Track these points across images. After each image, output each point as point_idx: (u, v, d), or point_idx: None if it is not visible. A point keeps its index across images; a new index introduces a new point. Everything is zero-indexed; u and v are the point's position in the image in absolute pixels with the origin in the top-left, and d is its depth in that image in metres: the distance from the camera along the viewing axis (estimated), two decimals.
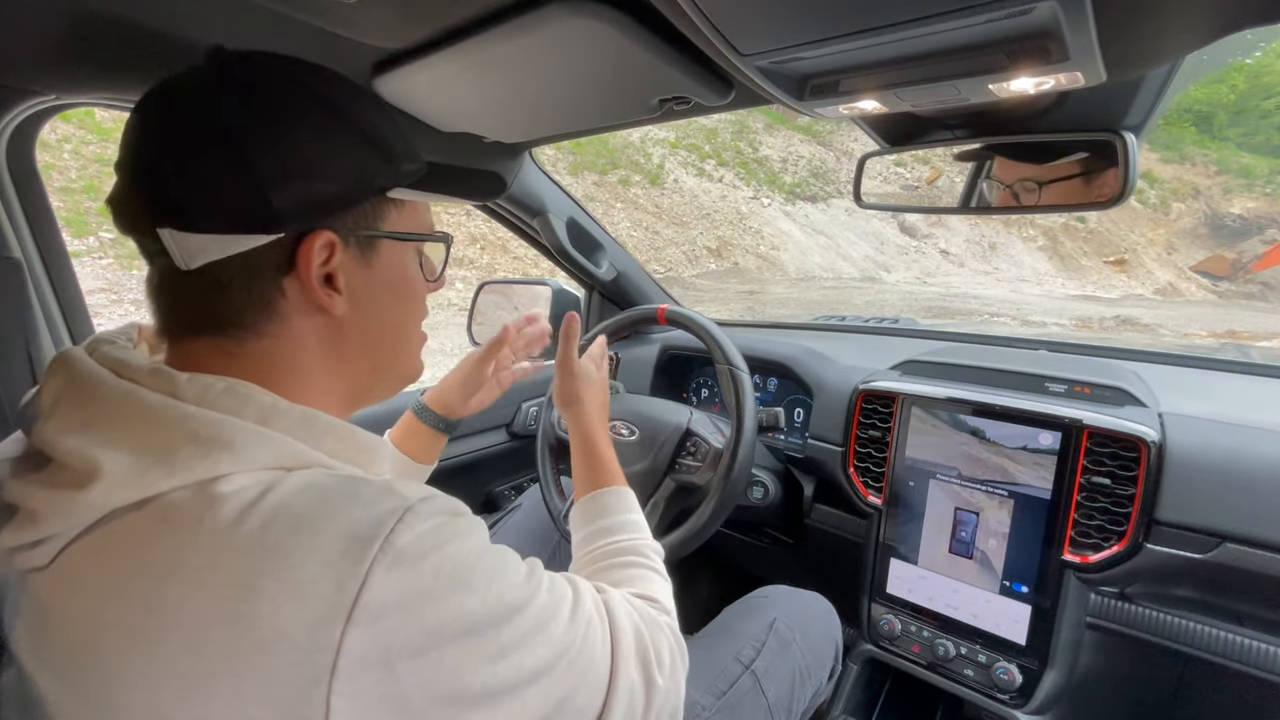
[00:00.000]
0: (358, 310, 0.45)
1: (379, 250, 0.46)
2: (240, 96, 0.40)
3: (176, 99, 0.41)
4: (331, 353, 0.45)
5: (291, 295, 0.42)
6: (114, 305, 4.85)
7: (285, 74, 0.42)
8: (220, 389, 0.38)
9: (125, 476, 0.34)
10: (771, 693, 0.82)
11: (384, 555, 0.33)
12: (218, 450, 0.36)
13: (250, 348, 0.42)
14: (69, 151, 6.18)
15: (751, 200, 12.27)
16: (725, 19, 0.56)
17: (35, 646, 0.37)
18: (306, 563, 0.32)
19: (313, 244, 0.41)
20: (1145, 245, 15.83)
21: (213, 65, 0.41)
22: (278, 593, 0.31)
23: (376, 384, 0.51)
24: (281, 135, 0.40)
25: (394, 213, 0.47)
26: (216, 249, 0.39)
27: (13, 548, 0.36)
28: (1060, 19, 0.50)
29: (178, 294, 0.42)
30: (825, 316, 1.79)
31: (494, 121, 1.00)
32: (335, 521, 0.34)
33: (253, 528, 0.33)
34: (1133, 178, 0.78)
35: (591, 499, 0.68)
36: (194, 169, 0.39)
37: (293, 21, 0.66)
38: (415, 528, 0.35)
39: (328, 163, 0.41)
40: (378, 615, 0.32)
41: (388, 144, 0.45)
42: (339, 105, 0.43)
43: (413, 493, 0.37)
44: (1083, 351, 1.25)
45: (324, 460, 0.40)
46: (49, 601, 0.36)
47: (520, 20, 0.64)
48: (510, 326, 0.84)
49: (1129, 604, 0.91)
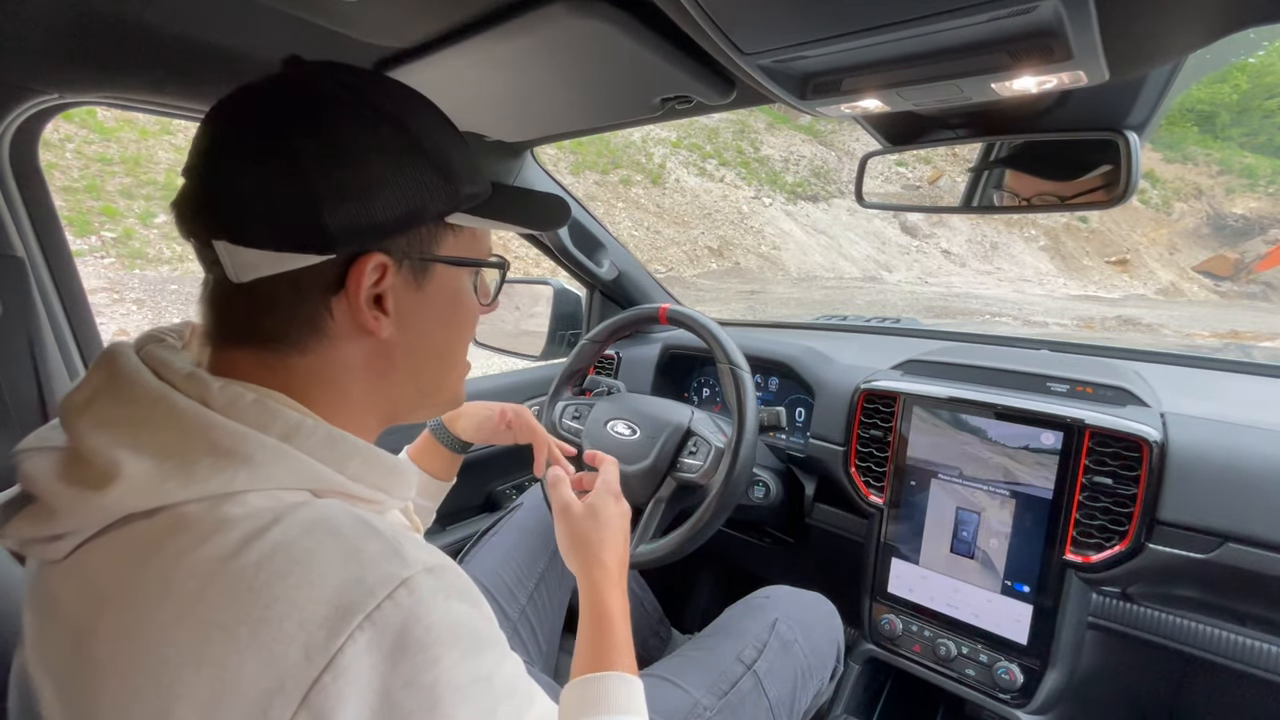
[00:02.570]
0: (405, 333, 0.44)
1: (432, 274, 0.44)
2: (306, 111, 0.39)
3: (244, 109, 0.40)
4: (375, 374, 0.44)
5: (339, 315, 0.41)
6: (116, 304, 4.86)
7: (354, 88, 0.41)
8: (249, 400, 0.38)
9: (143, 482, 0.34)
10: (773, 693, 0.82)
11: (361, 632, 0.31)
12: (235, 464, 0.35)
13: (293, 363, 0.41)
14: (71, 150, 6.20)
15: (753, 200, 12.27)
16: (727, 18, 0.56)
17: (37, 639, 0.37)
18: (285, 619, 0.31)
19: (364, 266, 0.40)
20: (1147, 245, 15.81)
21: (285, 76, 0.41)
22: (249, 645, 0.30)
23: (420, 407, 0.49)
24: (343, 154, 0.39)
25: (451, 236, 0.45)
26: (267, 265, 0.38)
27: (30, 539, 0.36)
28: (1063, 18, 0.49)
29: (227, 306, 0.41)
30: (827, 316, 1.79)
31: (496, 120, 1.00)
32: (328, 577, 0.32)
33: (248, 563, 0.32)
34: (1135, 177, 0.78)
35: (591, 682, 0.56)
36: (252, 183, 0.38)
37: (295, 20, 0.66)
38: (407, 608, 0.32)
39: (387, 185, 0.40)
40: (333, 708, 0.30)
41: (450, 165, 0.43)
42: (405, 123, 0.42)
43: (418, 559, 0.35)
44: (1085, 351, 1.25)
45: (345, 485, 0.39)
46: (57, 597, 0.36)
47: (522, 19, 0.64)
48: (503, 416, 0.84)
49: (1131, 604, 0.91)
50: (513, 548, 1.03)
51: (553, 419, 1.15)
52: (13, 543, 0.37)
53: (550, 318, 1.46)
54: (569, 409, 1.15)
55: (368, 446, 0.42)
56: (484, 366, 3.95)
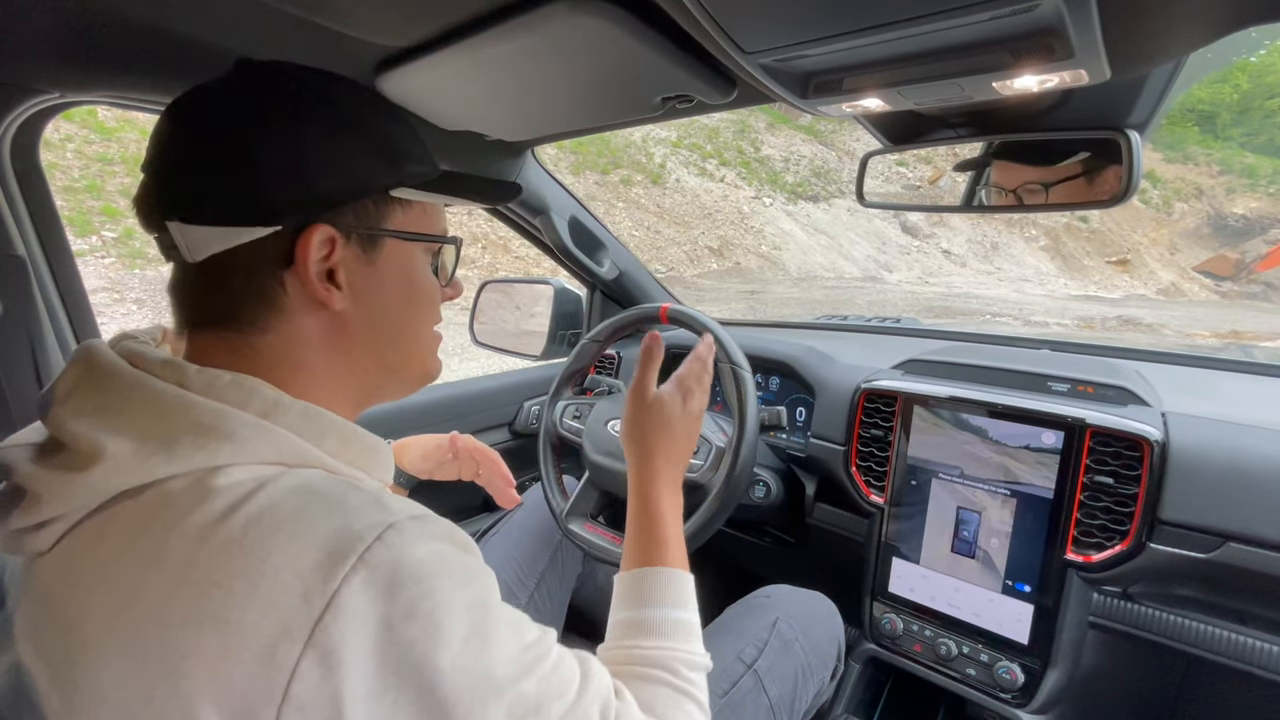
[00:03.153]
0: (361, 306, 0.45)
1: (382, 248, 0.46)
2: (250, 98, 0.42)
3: (194, 102, 0.42)
4: (336, 349, 0.45)
5: (292, 290, 0.43)
6: (116, 304, 4.87)
7: (296, 78, 0.43)
8: (226, 381, 0.39)
9: (126, 461, 0.35)
10: (774, 692, 0.82)
11: (355, 574, 0.32)
12: (217, 440, 0.36)
13: (255, 342, 0.43)
14: (71, 150, 6.20)
15: (753, 200, 12.27)
16: (729, 17, 0.56)
17: (31, 633, 0.37)
18: (281, 570, 0.32)
19: (311, 237, 0.41)
20: (1148, 245, 15.81)
21: (233, 72, 0.43)
22: (247, 597, 0.31)
23: (389, 382, 0.50)
24: (284, 133, 0.41)
25: (400, 213, 0.47)
26: (218, 241, 0.40)
27: (18, 530, 0.36)
28: (1064, 16, 0.49)
29: (188, 289, 0.43)
30: (827, 316, 1.79)
31: (497, 120, 1.00)
32: (316, 529, 0.33)
33: (236, 526, 0.33)
34: (1136, 176, 0.78)
35: (638, 576, 0.57)
36: (200, 164, 0.41)
37: (296, 20, 0.66)
38: (398, 548, 0.34)
39: (328, 159, 0.42)
40: (339, 643, 0.31)
41: (393, 145, 0.45)
42: (344, 107, 0.44)
43: (402, 509, 0.36)
44: (1085, 351, 1.24)
45: (324, 460, 0.40)
46: (48, 587, 0.36)
47: (523, 18, 0.64)
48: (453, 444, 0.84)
49: (1132, 603, 0.91)
50: (513, 548, 1.03)
51: (553, 418, 1.15)
52: (0, 540, 0.38)
53: (551, 317, 1.46)
54: (570, 408, 1.15)
55: (345, 423, 0.43)
56: (485, 366, 3.95)
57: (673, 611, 0.55)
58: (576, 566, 1.08)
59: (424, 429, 0.86)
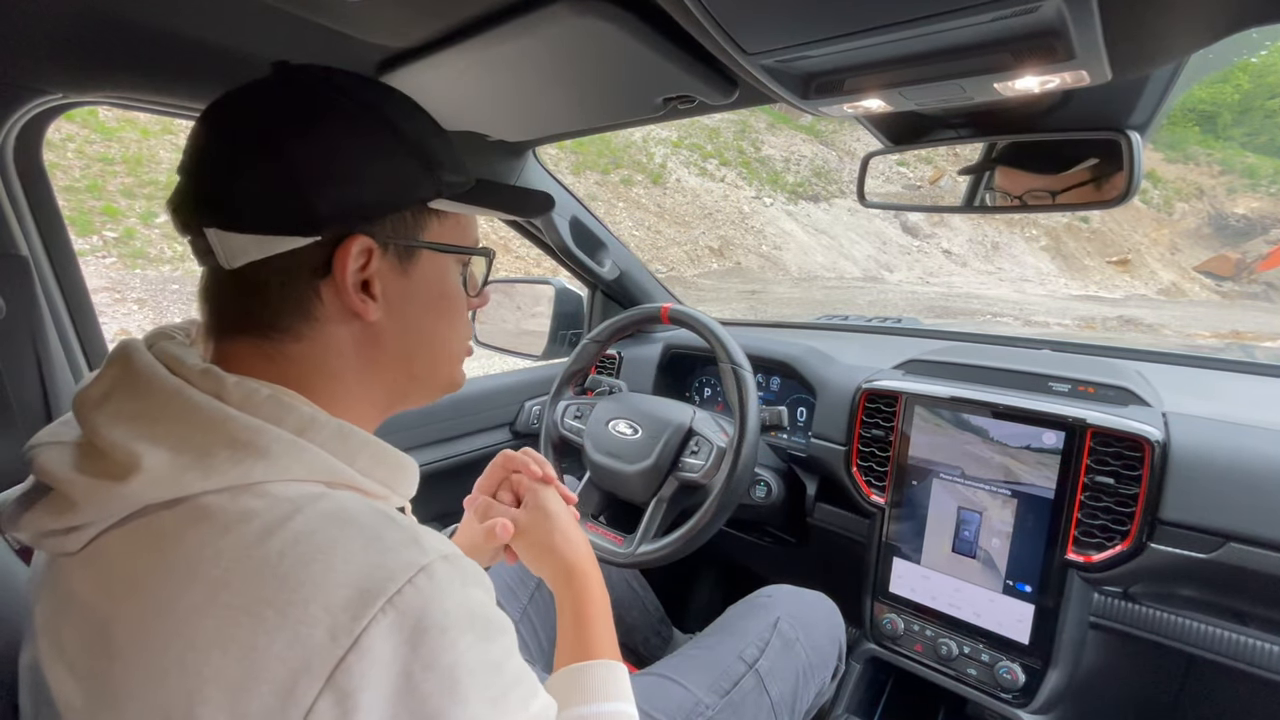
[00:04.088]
0: (394, 318, 0.45)
1: (418, 260, 0.46)
2: (291, 104, 0.42)
3: (233, 106, 0.42)
4: (367, 360, 0.45)
5: (327, 299, 0.42)
6: (117, 304, 4.87)
7: (336, 85, 0.43)
8: (264, 395, 0.39)
9: (163, 474, 0.35)
10: (775, 692, 0.83)
11: (384, 615, 0.32)
12: (253, 457, 0.36)
13: (288, 351, 0.42)
14: (73, 150, 6.20)
15: (754, 200, 12.26)
16: (731, 18, 0.56)
17: (53, 633, 0.37)
18: (311, 602, 0.32)
19: (349, 248, 0.41)
20: (1149, 245, 15.79)
21: (271, 77, 0.43)
22: (276, 626, 0.31)
23: (415, 391, 0.50)
24: (325, 141, 0.41)
25: (436, 224, 0.47)
26: (256, 249, 0.40)
27: (44, 531, 0.37)
28: (1066, 17, 0.50)
29: (222, 295, 0.43)
30: (828, 316, 1.79)
31: (498, 120, 1.00)
32: (351, 562, 0.33)
33: (271, 551, 0.33)
34: (1137, 177, 0.78)
35: (574, 672, 0.56)
36: (240, 170, 0.40)
37: (297, 20, 0.66)
38: (426, 594, 0.34)
39: (368, 170, 0.42)
40: (358, 687, 0.31)
41: (432, 156, 0.45)
42: (386, 116, 0.44)
43: (435, 548, 0.36)
44: (1086, 351, 1.25)
45: (355, 479, 0.40)
46: (74, 589, 0.36)
47: (525, 19, 0.64)
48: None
49: (1133, 603, 0.91)
50: None
51: (554, 418, 1.15)
52: (28, 535, 0.38)
53: (552, 317, 1.46)
54: (571, 408, 1.15)
55: (376, 441, 0.43)
56: (486, 366, 3.96)
57: (617, 704, 0.54)
58: None
59: (424, 429, 0.86)
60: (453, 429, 1.34)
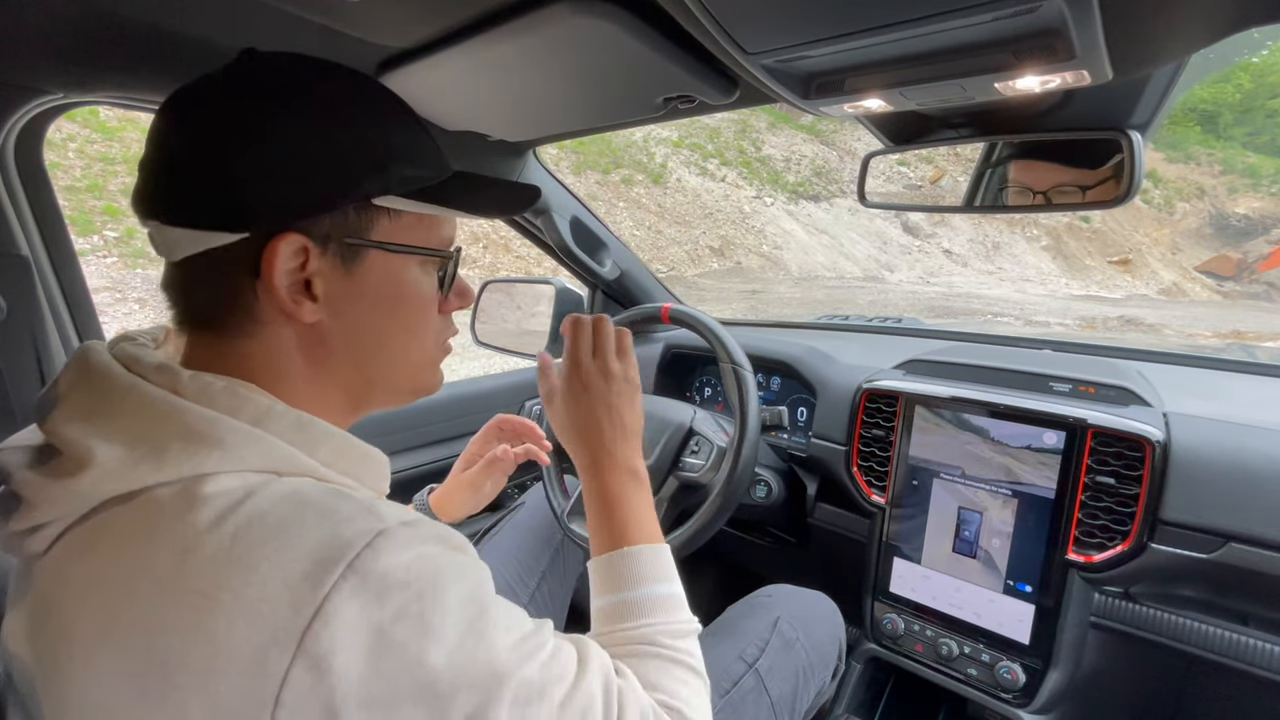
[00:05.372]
0: (339, 320, 0.43)
1: (363, 259, 0.43)
2: (235, 94, 0.40)
3: (177, 99, 0.41)
4: (314, 361, 0.43)
5: (263, 298, 0.40)
6: (118, 304, 4.87)
7: (289, 71, 0.41)
8: (220, 387, 0.38)
9: (116, 468, 0.35)
10: (775, 691, 0.82)
11: (345, 581, 0.32)
12: (207, 448, 0.36)
13: (238, 347, 0.41)
14: (73, 150, 6.21)
15: (754, 199, 12.26)
16: (731, 18, 0.56)
17: (29, 634, 0.37)
18: (269, 579, 0.31)
19: (277, 246, 0.39)
20: (1150, 245, 15.78)
21: (223, 67, 0.41)
22: (235, 608, 0.31)
23: (376, 394, 0.48)
24: (261, 132, 0.39)
25: (386, 222, 0.43)
26: (189, 243, 0.39)
27: (16, 532, 0.37)
28: (1066, 17, 0.50)
29: (172, 289, 0.43)
30: (828, 316, 1.78)
31: (498, 120, 1.00)
32: (305, 538, 0.33)
33: (224, 535, 0.33)
34: (1138, 177, 0.78)
35: (609, 560, 0.55)
36: (178, 164, 0.39)
37: (298, 20, 0.66)
38: (387, 555, 0.33)
39: (300, 161, 0.39)
40: (329, 650, 0.31)
41: (385, 149, 0.42)
42: (335, 105, 0.41)
43: (393, 515, 0.35)
44: (1087, 351, 1.24)
45: (316, 469, 0.39)
46: (45, 590, 0.36)
47: (525, 19, 0.64)
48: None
49: (1133, 604, 0.91)
50: (514, 547, 1.03)
51: None
52: (0, 542, 0.38)
53: (552, 317, 1.46)
54: None
55: (339, 432, 0.42)
56: (486, 366, 3.95)
57: (650, 588, 0.54)
58: (578, 566, 1.08)
59: (424, 429, 0.85)
60: (452, 429, 1.34)
